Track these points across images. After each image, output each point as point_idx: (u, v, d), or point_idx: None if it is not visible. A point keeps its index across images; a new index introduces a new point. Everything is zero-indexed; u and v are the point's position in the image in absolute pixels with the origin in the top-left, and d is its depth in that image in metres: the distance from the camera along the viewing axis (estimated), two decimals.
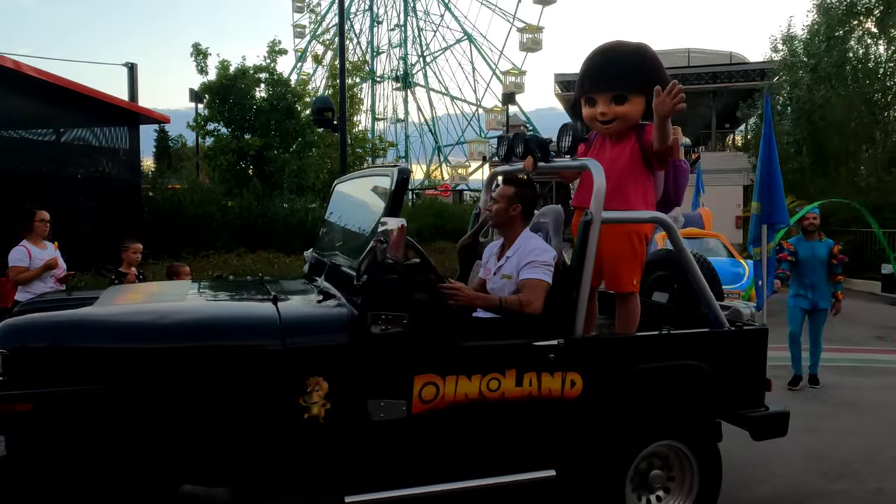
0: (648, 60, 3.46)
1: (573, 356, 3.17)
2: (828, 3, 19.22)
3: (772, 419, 3.68)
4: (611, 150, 3.51)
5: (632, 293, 3.52)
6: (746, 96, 28.34)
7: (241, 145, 14.39)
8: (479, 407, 3.03)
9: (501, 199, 3.49)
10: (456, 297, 3.13)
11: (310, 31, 57.21)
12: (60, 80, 8.60)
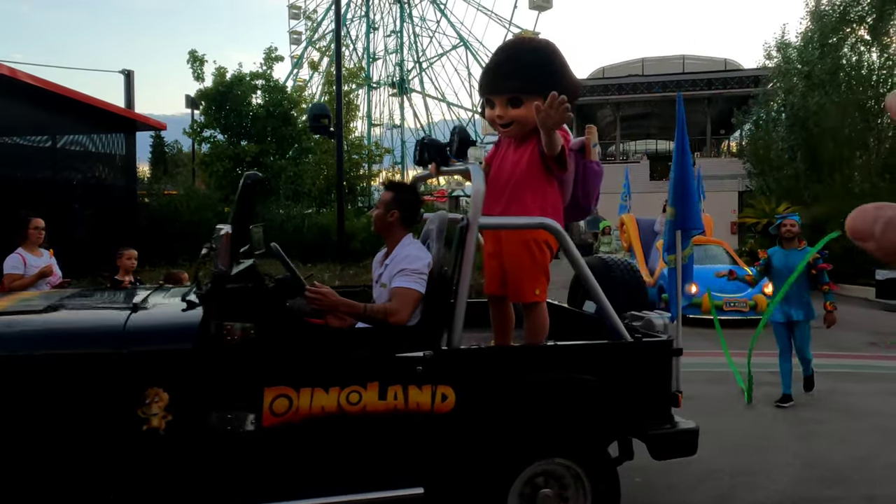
0: (549, 60, 3.24)
1: (444, 368, 3.00)
2: (821, 10, 19.36)
3: (675, 437, 3.42)
4: (513, 154, 3.34)
5: (536, 303, 3.35)
6: (741, 103, 28.50)
7: (238, 152, 14.41)
8: (339, 421, 2.89)
9: (381, 205, 3.40)
10: (318, 303, 3.05)
11: (306, 37, 57.30)
12: (56, 87, 8.61)
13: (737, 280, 6.79)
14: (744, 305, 10.40)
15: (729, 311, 10.30)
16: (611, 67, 42.19)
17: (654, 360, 3.37)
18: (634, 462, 4.69)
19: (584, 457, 3.22)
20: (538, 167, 3.24)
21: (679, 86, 37.53)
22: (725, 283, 10.23)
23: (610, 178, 24.04)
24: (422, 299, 3.14)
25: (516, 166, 3.28)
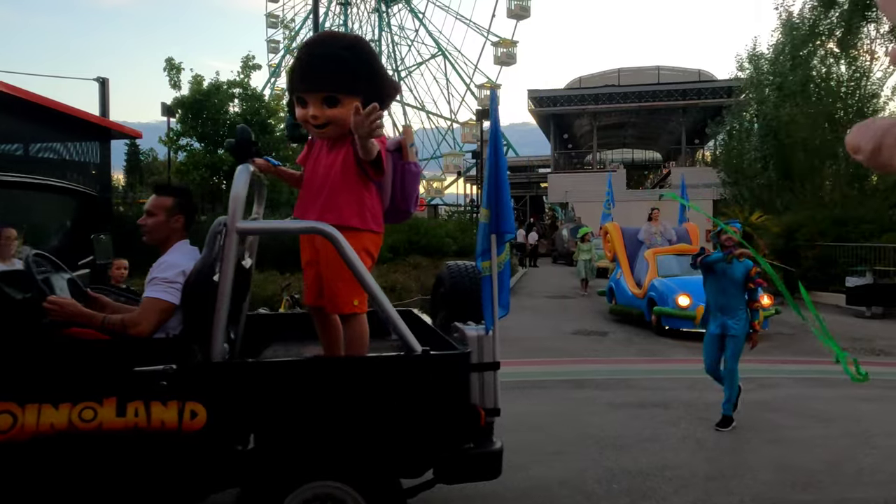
0: (365, 57, 3.09)
1: (194, 383, 2.80)
2: (792, 23, 19.82)
3: (471, 460, 3.14)
4: (326, 157, 3.15)
5: (354, 315, 3.13)
6: (715, 113, 29.01)
7: (215, 160, 14.32)
8: (72, 439, 2.71)
9: (159, 211, 3.17)
10: (55, 314, 2.90)
11: (284, 46, 57.17)
12: (29, 95, 8.50)
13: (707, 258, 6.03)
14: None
15: None
16: (587, 78, 42.69)
17: (447, 376, 3.04)
18: (614, 468, 4.76)
19: (362, 480, 2.95)
20: (353, 171, 3.08)
21: (654, 96, 38.12)
22: None
23: (592, 187, 24.22)
24: (174, 309, 2.97)
25: (330, 170, 3.11)
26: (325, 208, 3.06)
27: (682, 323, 10.31)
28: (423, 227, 16.62)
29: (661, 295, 10.59)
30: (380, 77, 3.10)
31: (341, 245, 2.90)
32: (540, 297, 16.68)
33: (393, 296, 9.54)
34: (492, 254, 3.26)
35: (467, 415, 3.07)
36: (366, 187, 3.14)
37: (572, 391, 7.17)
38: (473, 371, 3.15)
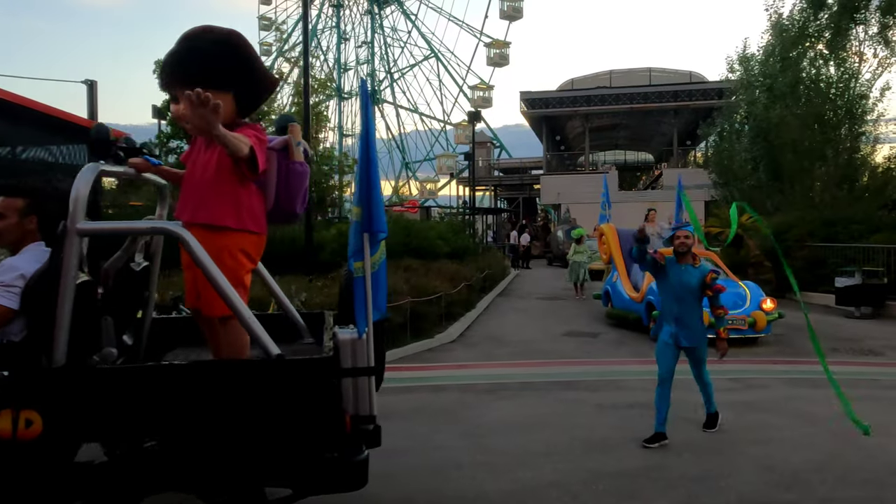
0: (235, 52, 3.00)
1: (28, 391, 2.67)
2: (782, 24, 19.93)
3: (333, 470, 2.98)
4: (203, 154, 3.08)
5: (229, 318, 2.99)
6: (706, 115, 29.12)
7: None
8: None
9: (10, 213, 3.02)
10: None
11: (276, 48, 57.09)
12: (15, 97, 8.44)
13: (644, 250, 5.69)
14: (742, 322, 9.63)
15: (729, 328, 9.35)
16: (580, 79, 42.77)
17: (307, 382, 2.87)
18: (601, 469, 4.75)
19: (209, 493, 2.85)
20: (229, 169, 2.98)
21: (646, 98, 38.23)
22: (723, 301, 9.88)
23: (584, 188, 24.20)
24: (11, 314, 2.84)
25: (206, 168, 3.05)
26: (197, 207, 2.99)
27: None
28: (415, 229, 16.60)
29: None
30: (252, 72, 3.04)
31: (190, 245, 2.81)
32: (531, 298, 16.69)
33: None
34: (365, 254, 3.12)
35: (330, 422, 2.90)
36: (243, 186, 3.05)
37: (562, 393, 7.18)
38: (345, 376, 3.02)
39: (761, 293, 10.15)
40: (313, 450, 2.94)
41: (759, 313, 9.68)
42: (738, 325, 9.56)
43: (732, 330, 9.34)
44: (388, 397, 6.99)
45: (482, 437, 5.57)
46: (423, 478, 4.68)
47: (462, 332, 11.21)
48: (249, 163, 2.89)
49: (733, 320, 9.38)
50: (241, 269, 3.07)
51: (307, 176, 3.34)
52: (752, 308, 9.75)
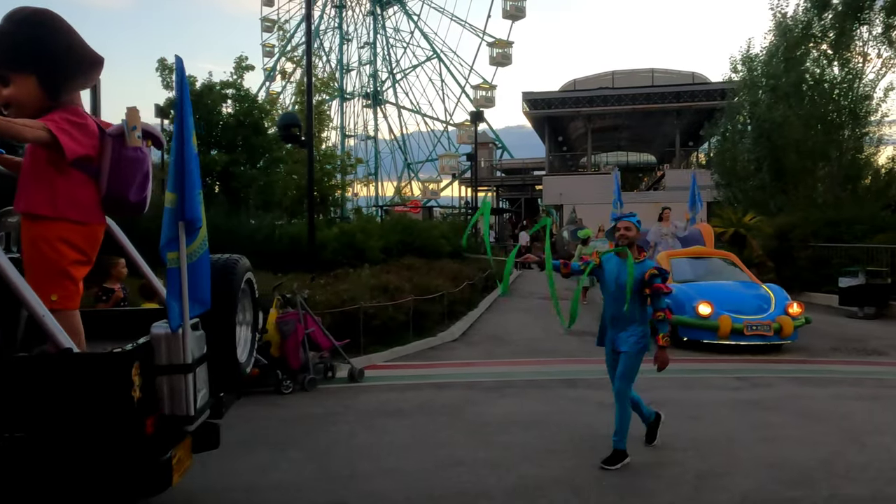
0: (37, 32, 2.82)
1: None
2: (786, 24, 19.90)
3: (128, 472, 2.69)
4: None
5: (54, 311, 2.82)
6: (709, 115, 29.08)
7: (207, 161, 14.28)
8: None
9: None
10: None
11: (278, 49, 57.20)
12: None
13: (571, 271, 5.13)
14: (767, 329, 8.98)
15: (750, 335, 8.97)
16: (582, 80, 42.73)
17: (100, 378, 2.61)
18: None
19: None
20: (44, 156, 2.85)
21: (649, 99, 38.19)
22: (743, 302, 9.30)
23: (586, 189, 23.78)
24: None
25: (27, 156, 2.93)
26: (19, 196, 2.89)
27: (702, 334, 9.25)
28: (417, 229, 16.60)
29: (677, 302, 9.26)
30: (58, 51, 2.85)
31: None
32: (533, 298, 16.67)
33: (386, 296, 9.52)
34: (180, 244, 2.89)
35: (126, 422, 2.64)
36: (61, 173, 2.89)
37: (565, 390, 7.16)
38: (160, 374, 2.83)
39: (786, 296, 9.71)
40: (103, 451, 2.66)
41: (784, 318, 9.06)
42: (762, 331, 8.97)
43: (755, 336, 8.94)
44: (392, 394, 7.00)
45: (486, 434, 5.55)
46: (427, 474, 4.66)
47: (464, 331, 11.19)
48: (57, 148, 2.75)
49: (757, 325, 8.97)
50: (62, 260, 2.90)
51: (144, 163, 3.11)
52: (778, 313, 9.16)
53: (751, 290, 9.95)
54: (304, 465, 4.86)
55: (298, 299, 7.38)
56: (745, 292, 9.83)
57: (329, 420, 6.02)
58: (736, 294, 9.74)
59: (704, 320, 9.12)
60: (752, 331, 8.96)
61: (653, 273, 4.78)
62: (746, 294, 9.76)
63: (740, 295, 9.71)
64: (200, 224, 3.00)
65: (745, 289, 10.00)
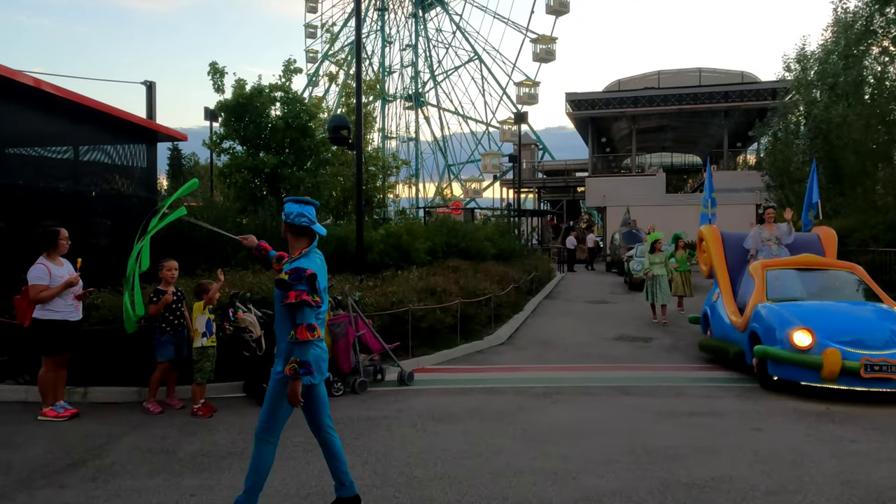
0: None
1: None
2: (846, 20, 19.20)
3: None
4: None
5: None
6: (758, 116, 28.30)
7: (256, 163, 14.46)
8: None
9: None
10: None
11: (322, 53, 57.92)
12: (78, 97, 8.66)
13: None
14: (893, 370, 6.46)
15: (871, 378, 6.46)
16: (627, 80, 42.11)
17: None
18: (668, 479, 4.57)
19: None
20: None
21: (696, 98, 37.39)
22: (864, 331, 6.81)
23: (630, 191, 22.93)
24: None
25: None
26: None
27: (799, 373, 6.81)
28: (463, 231, 16.53)
29: (766, 327, 7.30)
30: None
31: None
32: (579, 301, 16.44)
33: (433, 298, 9.47)
34: None
35: None
36: None
37: (619, 398, 6.99)
38: None
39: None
40: None
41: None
42: (889, 373, 6.43)
43: (879, 381, 6.45)
44: (443, 398, 6.93)
45: (541, 442, 5.44)
46: (484, 481, 4.57)
47: (511, 335, 11.07)
48: None
49: (882, 365, 6.42)
50: None
51: None
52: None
53: (880, 315, 7.22)
54: (359, 469, 4.82)
55: (350, 301, 7.38)
56: (869, 317, 7.20)
57: (382, 424, 5.98)
58: (855, 319, 7.23)
59: (801, 354, 6.75)
60: (874, 372, 6.42)
61: (281, 279, 3.71)
62: (871, 320, 7.12)
63: (862, 321, 7.18)
64: None
65: (871, 313, 7.32)
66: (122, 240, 9.47)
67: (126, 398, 6.74)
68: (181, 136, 11.15)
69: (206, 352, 6.31)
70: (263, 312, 6.89)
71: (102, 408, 6.53)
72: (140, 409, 6.36)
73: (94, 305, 7.05)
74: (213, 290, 6.43)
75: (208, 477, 4.69)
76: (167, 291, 6.46)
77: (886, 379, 6.47)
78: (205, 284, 6.52)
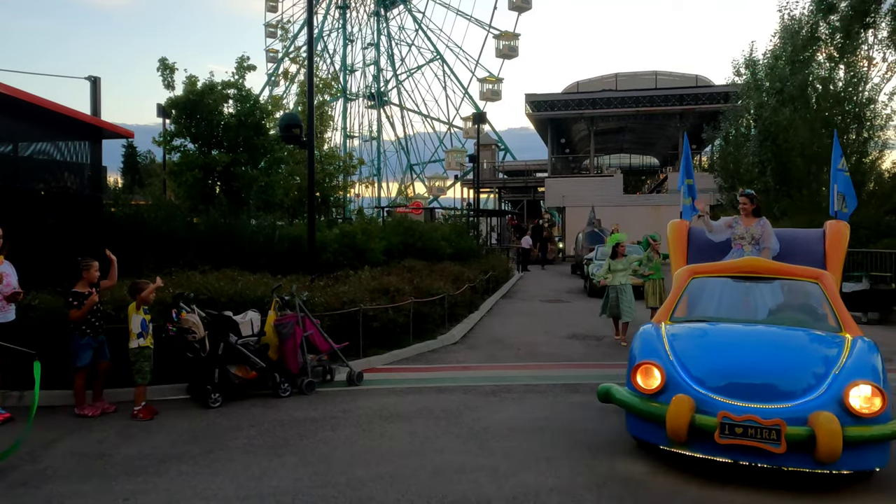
0: None
1: None
2: (793, 27, 19.81)
3: None
4: None
5: None
6: (712, 118, 28.97)
7: (209, 161, 14.19)
8: None
9: None
10: None
11: (282, 54, 57.27)
12: (16, 92, 8.38)
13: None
14: (772, 435, 4.21)
15: (728, 444, 4.32)
16: (585, 82, 42.68)
17: None
18: (606, 474, 4.64)
19: None
20: None
21: (652, 101, 38.11)
22: (760, 369, 4.61)
23: (592, 191, 22.75)
24: None
25: None
26: None
27: (641, 427, 4.86)
28: (419, 231, 16.51)
29: (630, 359, 5.27)
30: None
31: None
32: (535, 301, 16.59)
33: (386, 298, 9.44)
34: None
35: None
36: None
37: (567, 395, 7.07)
38: None
39: (871, 365, 4.63)
40: None
41: (826, 418, 4.17)
42: (751, 440, 4.25)
43: (738, 451, 4.32)
44: (391, 398, 6.91)
45: (486, 440, 5.47)
46: (425, 480, 4.58)
47: (465, 334, 11.11)
48: None
49: (747, 427, 4.26)
50: None
51: None
52: (823, 400, 4.35)
53: (814, 349, 4.94)
54: (301, 470, 4.79)
55: (297, 301, 7.31)
56: (795, 352, 4.86)
57: (327, 424, 5.94)
58: (771, 354, 4.81)
59: (645, 400, 4.77)
60: (733, 437, 4.27)
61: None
62: (795, 356, 4.81)
63: (780, 356, 4.79)
64: None
65: (804, 345, 5.00)
66: (64, 239, 9.23)
67: (65, 401, 6.54)
68: (127, 133, 10.87)
69: (143, 352, 6.18)
70: (207, 313, 6.78)
71: (39, 412, 6.27)
72: (76, 414, 6.19)
73: (32, 307, 6.84)
74: (148, 291, 6.29)
75: (144, 481, 4.60)
76: (92, 293, 6.27)
77: (751, 449, 4.26)
78: (139, 284, 6.37)
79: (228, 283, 8.10)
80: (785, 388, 4.49)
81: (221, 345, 6.63)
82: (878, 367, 4.66)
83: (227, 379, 6.65)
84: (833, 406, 4.31)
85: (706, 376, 4.72)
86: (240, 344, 6.75)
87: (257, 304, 7.51)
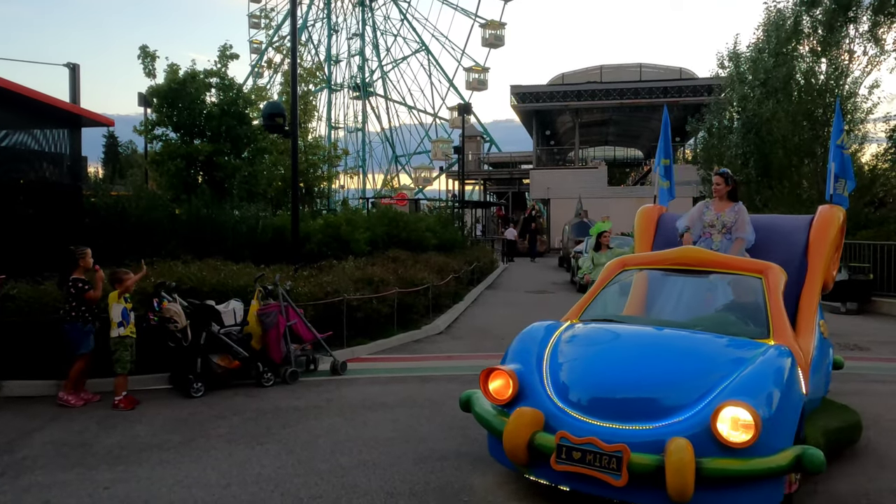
0: None
1: None
2: (777, 20, 19.95)
3: None
4: None
5: None
6: (696, 111, 29.16)
7: (191, 150, 14.06)
8: None
9: None
10: None
11: (266, 42, 56.75)
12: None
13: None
14: (610, 463, 3.45)
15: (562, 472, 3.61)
16: (570, 74, 42.73)
17: None
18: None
19: None
20: None
21: (636, 93, 38.26)
22: (643, 381, 3.82)
23: (576, 183, 22.77)
24: None
25: None
26: None
27: (492, 444, 4.26)
28: (404, 221, 16.48)
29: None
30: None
31: None
32: (520, 291, 16.64)
33: (370, 288, 9.43)
34: None
35: None
36: None
37: None
38: None
39: (761, 380, 3.74)
40: None
41: (679, 447, 3.31)
42: (588, 468, 3.53)
43: (574, 479, 3.60)
44: (374, 387, 6.92)
45: (468, 429, 5.48)
46: (408, 467, 4.59)
47: (449, 324, 11.13)
48: None
49: (585, 451, 3.55)
50: None
51: None
52: (687, 425, 3.50)
53: (719, 358, 4.02)
54: (284, 458, 4.78)
55: (280, 291, 7.28)
56: (674, 359, 4.01)
57: (310, 413, 5.94)
58: (640, 361, 4.03)
59: (494, 413, 4.14)
60: (570, 463, 3.57)
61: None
62: (671, 365, 3.95)
63: (651, 365, 3.98)
64: None
65: (710, 353, 4.09)
66: (41, 228, 9.11)
67: (44, 391, 6.48)
68: (107, 122, 10.73)
69: (124, 341, 6.13)
70: (190, 302, 6.74)
71: (18, 402, 6.28)
72: (58, 403, 6.14)
73: (10, 296, 6.76)
74: (130, 280, 6.25)
75: (124, 470, 4.57)
76: (94, 277, 6.29)
77: (589, 479, 3.54)
78: (119, 273, 6.31)
79: (211, 273, 8.04)
80: (665, 404, 3.63)
81: (204, 334, 6.59)
82: (774, 385, 3.67)
83: (210, 368, 6.62)
84: (699, 431, 3.43)
85: (571, 387, 3.92)
86: (222, 333, 6.71)
87: (240, 294, 7.47)
